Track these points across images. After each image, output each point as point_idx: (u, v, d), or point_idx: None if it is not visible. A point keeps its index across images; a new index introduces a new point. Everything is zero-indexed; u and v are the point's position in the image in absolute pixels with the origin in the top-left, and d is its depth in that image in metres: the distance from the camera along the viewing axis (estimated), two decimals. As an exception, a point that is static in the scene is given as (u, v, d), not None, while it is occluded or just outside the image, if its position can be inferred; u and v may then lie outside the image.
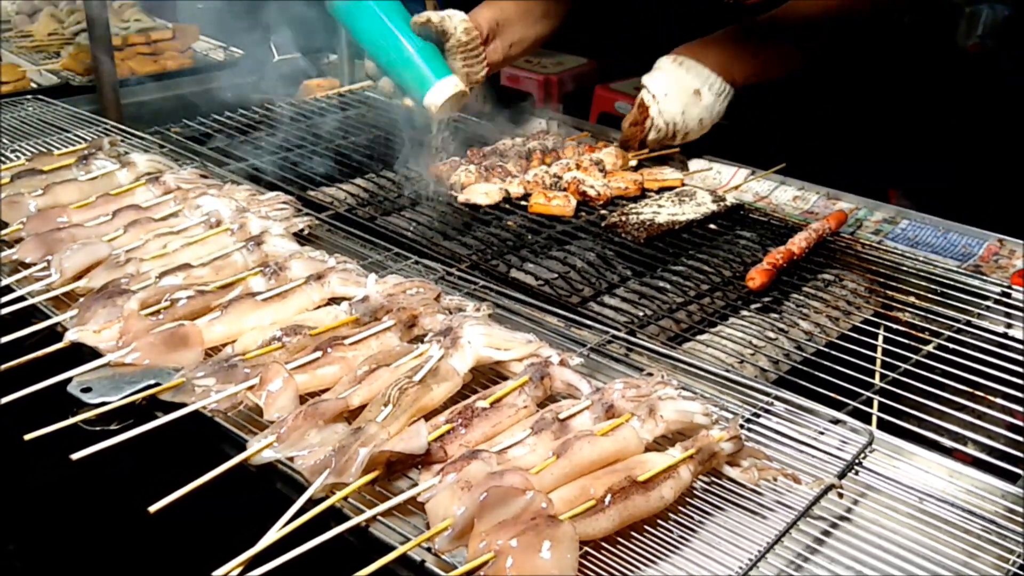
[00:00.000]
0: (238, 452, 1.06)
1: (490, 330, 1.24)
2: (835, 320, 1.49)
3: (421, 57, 1.95)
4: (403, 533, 0.96)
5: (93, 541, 1.52)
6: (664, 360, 1.29)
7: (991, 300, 1.53)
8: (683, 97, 1.94)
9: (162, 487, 0.99)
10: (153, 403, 1.16)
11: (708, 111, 1.96)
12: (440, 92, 1.92)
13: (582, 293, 1.55)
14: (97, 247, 1.47)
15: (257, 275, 1.41)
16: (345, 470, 1.01)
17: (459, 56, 2.00)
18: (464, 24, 1.99)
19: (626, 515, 0.97)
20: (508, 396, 1.13)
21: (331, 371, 1.20)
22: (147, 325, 1.26)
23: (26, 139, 2.07)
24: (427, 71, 1.94)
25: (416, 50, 1.94)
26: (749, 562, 0.94)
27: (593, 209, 1.87)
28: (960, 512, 1.04)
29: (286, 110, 2.42)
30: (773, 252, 1.61)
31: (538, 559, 0.89)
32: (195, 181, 1.74)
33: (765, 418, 1.17)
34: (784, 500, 1.03)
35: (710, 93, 1.95)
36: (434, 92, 1.92)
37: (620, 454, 1.04)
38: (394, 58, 1.96)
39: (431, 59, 1.96)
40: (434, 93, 1.92)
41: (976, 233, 1.81)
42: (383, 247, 1.61)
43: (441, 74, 1.94)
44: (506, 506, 0.94)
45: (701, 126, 1.98)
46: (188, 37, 3.02)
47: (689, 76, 1.95)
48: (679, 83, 1.94)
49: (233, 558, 0.91)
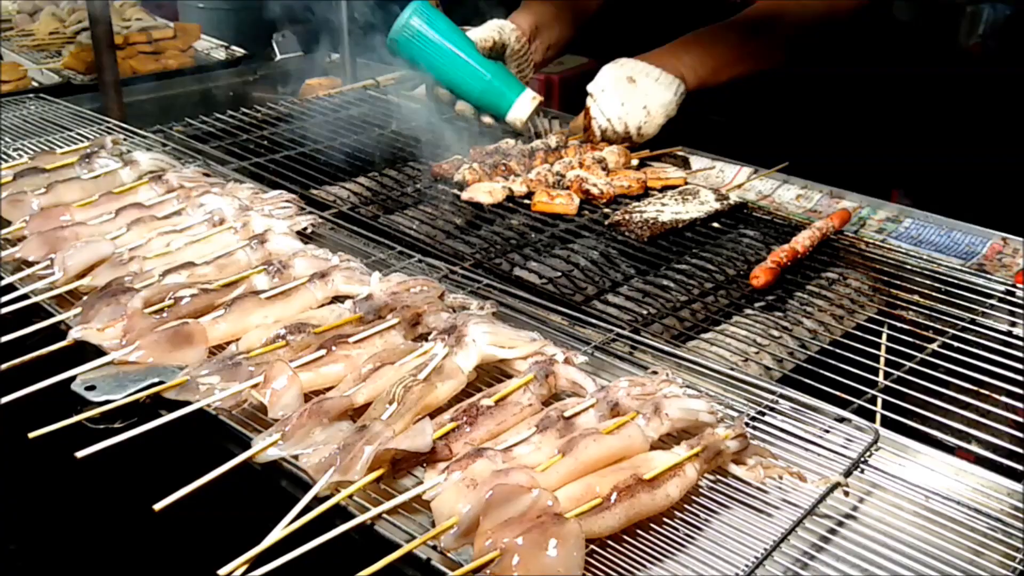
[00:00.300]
0: (242, 450, 1.05)
1: (494, 328, 1.24)
2: (839, 318, 1.48)
3: (496, 79, 2.12)
4: (408, 531, 0.96)
5: (98, 539, 1.51)
6: (668, 358, 1.29)
7: (995, 299, 1.52)
8: (619, 88, 1.99)
9: (166, 485, 0.99)
10: (157, 401, 1.15)
11: (648, 97, 1.98)
12: (522, 107, 2.12)
13: (586, 292, 1.54)
14: (100, 245, 1.47)
15: (261, 273, 1.41)
16: (350, 468, 1.01)
17: (513, 63, 2.17)
18: (515, 33, 2.16)
19: (632, 513, 0.97)
20: (513, 394, 1.13)
21: (335, 369, 1.20)
22: (151, 323, 1.26)
23: (28, 138, 2.07)
24: (505, 91, 2.12)
25: (491, 75, 2.11)
26: (755, 560, 0.94)
27: (596, 208, 1.87)
28: (966, 510, 1.04)
29: (288, 109, 2.41)
30: (777, 251, 1.61)
31: (544, 557, 0.89)
32: (198, 180, 1.74)
33: (770, 416, 1.17)
34: (790, 498, 1.03)
35: (648, 79, 1.98)
36: (517, 108, 2.12)
37: (625, 452, 1.04)
38: (470, 84, 2.13)
39: (504, 78, 2.13)
40: (517, 109, 2.12)
41: (980, 232, 1.81)
42: (386, 245, 1.61)
43: (517, 90, 2.12)
44: (512, 504, 0.93)
45: (648, 114, 2.00)
46: (189, 36, 3.02)
47: (623, 70, 2.01)
48: (615, 79, 2.01)
49: (238, 556, 0.91)
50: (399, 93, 2.65)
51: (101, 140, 1.91)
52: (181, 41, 2.98)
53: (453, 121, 2.35)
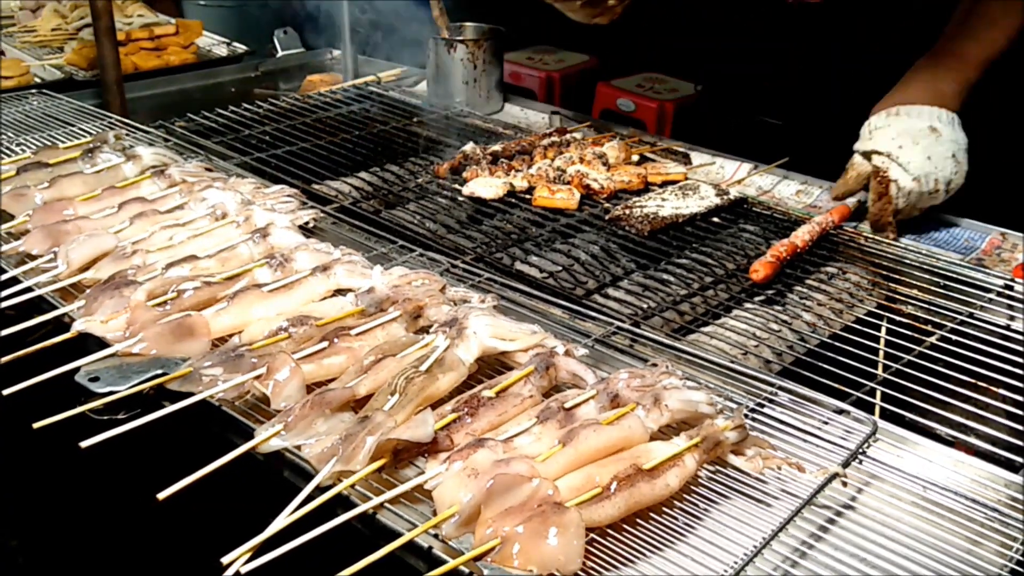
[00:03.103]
0: (245, 441, 1.06)
1: (495, 320, 1.24)
2: (838, 312, 1.49)
3: None
4: (410, 520, 0.97)
5: (102, 528, 1.52)
6: (668, 351, 1.30)
7: (993, 293, 1.53)
8: (921, 140, 1.69)
9: (170, 475, 1.00)
10: (160, 392, 1.16)
11: (955, 144, 1.71)
12: None
13: (586, 285, 1.55)
14: (103, 239, 1.48)
15: (263, 266, 1.42)
16: (352, 458, 1.02)
17: None
18: None
19: (632, 502, 0.97)
20: (514, 386, 1.14)
21: (337, 361, 1.20)
22: (154, 315, 1.26)
23: (31, 133, 2.08)
24: None
25: None
26: (754, 549, 0.94)
27: (597, 203, 1.87)
28: (963, 501, 1.05)
29: (289, 105, 2.42)
30: (777, 245, 1.62)
31: (544, 545, 0.90)
32: (200, 174, 1.75)
33: (769, 408, 1.18)
34: (788, 488, 1.04)
35: (944, 125, 1.71)
36: None
37: (625, 443, 1.04)
38: None
39: None
40: None
41: (978, 227, 1.82)
42: (388, 240, 1.62)
43: None
44: (512, 493, 0.94)
45: (957, 163, 1.71)
46: (191, 32, 3.03)
47: (913, 120, 1.72)
48: (912, 131, 1.70)
49: (241, 545, 0.92)
50: (400, 89, 2.66)
51: (104, 135, 1.92)
52: (183, 37, 2.99)
53: (455, 118, 2.36)
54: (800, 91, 2.28)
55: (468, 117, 2.39)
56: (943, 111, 1.72)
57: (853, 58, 2.11)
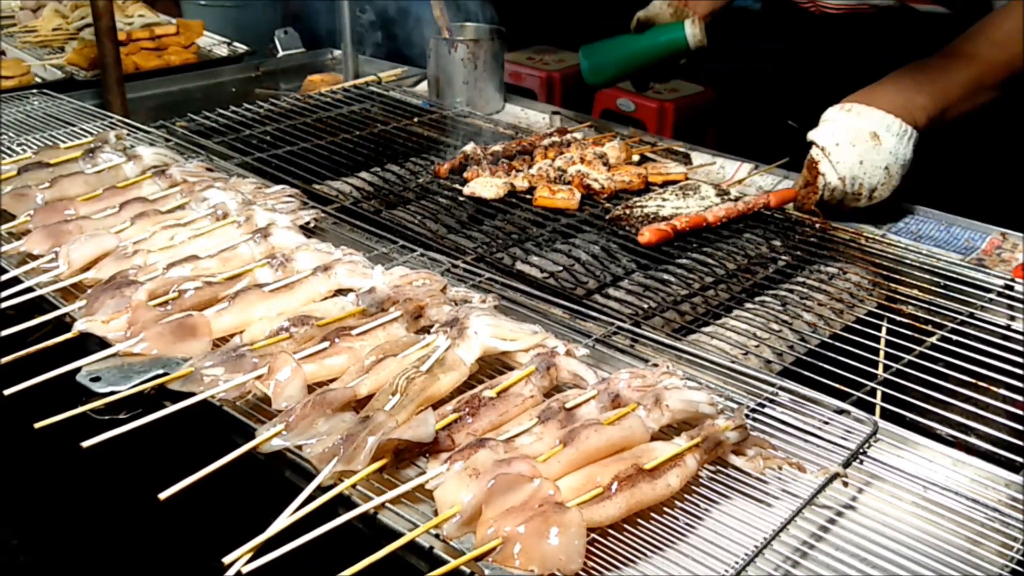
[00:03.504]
0: (247, 441, 1.06)
1: (496, 321, 1.24)
2: (839, 312, 1.49)
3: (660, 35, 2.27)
4: (411, 520, 0.97)
5: (103, 527, 1.53)
6: (669, 351, 1.30)
7: (994, 293, 1.53)
8: (859, 144, 1.71)
9: (171, 475, 1.00)
10: (162, 392, 1.16)
11: (892, 156, 1.71)
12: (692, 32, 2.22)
13: (587, 285, 1.55)
14: (104, 239, 1.48)
15: (264, 266, 1.42)
16: (353, 458, 1.02)
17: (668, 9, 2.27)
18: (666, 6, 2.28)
19: (633, 502, 0.97)
20: (515, 386, 1.14)
21: (339, 361, 1.20)
22: (155, 315, 1.27)
23: (32, 133, 2.08)
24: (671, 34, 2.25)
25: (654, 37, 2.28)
26: (755, 549, 0.95)
27: (597, 203, 1.87)
28: (963, 501, 1.05)
29: (290, 105, 2.42)
30: (681, 216, 1.68)
31: (546, 545, 0.90)
32: (201, 174, 1.75)
33: (770, 408, 1.18)
34: (789, 489, 1.04)
35: (890, 135, 1.70)
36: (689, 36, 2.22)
37: (626, 443, 1.04)
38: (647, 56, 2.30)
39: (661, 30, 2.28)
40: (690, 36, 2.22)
41: (979, 227, 1.82)
42: (389, 240, 1.62)
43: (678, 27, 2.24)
44: (514, 493, 0.94)
45: (888, 175, 1.72)
46: (192, 32, 3.03)
47: (862, 120, 1.72)
48: (853, 131, 1.72)
49: (242, 545, 0.92)
50: (400, 89, 2.66)
51: (105, 135, 1.92)
52: (184, 37, 2.99)
53: (455, 118, 2.37)
54: (803, 92, 2.28)
55: (469, 117, 2.39)
56: (897, 121, 1.71)
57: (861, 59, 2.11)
